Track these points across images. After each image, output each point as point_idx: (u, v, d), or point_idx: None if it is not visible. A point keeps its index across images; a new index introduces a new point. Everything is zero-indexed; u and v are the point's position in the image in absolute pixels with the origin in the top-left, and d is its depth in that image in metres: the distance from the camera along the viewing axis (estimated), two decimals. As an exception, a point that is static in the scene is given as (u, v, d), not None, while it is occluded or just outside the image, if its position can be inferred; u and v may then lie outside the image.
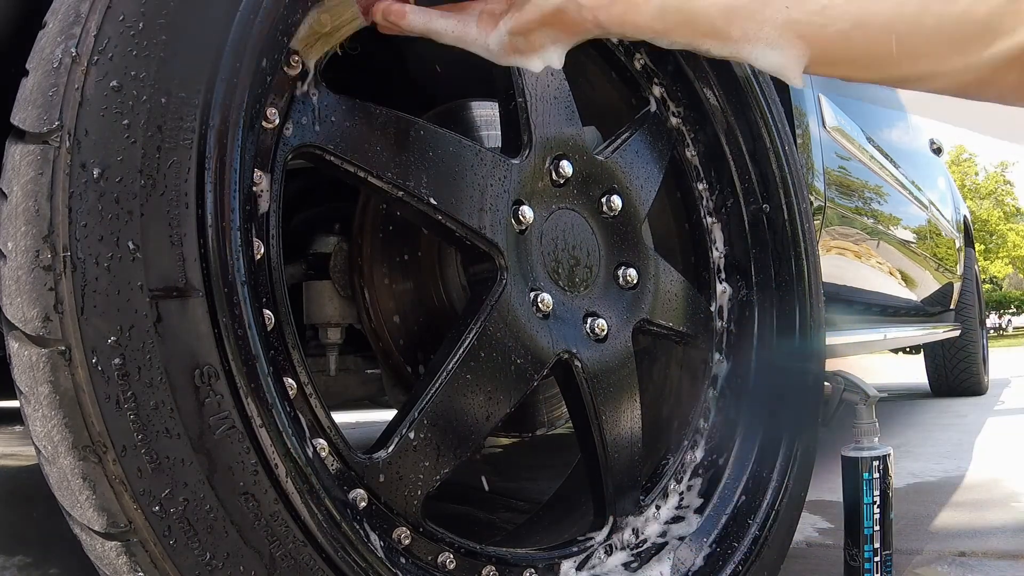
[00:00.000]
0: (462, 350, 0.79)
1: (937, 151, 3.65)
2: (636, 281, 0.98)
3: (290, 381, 0.68)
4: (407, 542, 0.74)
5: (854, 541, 1.06)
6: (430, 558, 0.76)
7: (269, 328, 0.66)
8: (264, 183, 0.68)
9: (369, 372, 1.26)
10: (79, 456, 0.53)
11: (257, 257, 0.65)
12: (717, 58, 0.65)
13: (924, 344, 4.11)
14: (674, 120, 1.13)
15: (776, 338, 1.11)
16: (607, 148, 1.00)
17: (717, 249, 1.15)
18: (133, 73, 0.55)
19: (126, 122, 0.55)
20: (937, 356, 4.30)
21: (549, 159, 0.91)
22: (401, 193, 0.77)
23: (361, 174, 0.74)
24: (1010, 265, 34.35)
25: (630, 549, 0.95)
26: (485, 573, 0.79)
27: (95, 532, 0.55)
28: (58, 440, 0.53)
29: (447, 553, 0.76)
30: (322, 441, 0.69)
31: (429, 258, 0.97)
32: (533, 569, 0.84)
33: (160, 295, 0.55)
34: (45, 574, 1.30)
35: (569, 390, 0.92)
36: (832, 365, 1.21)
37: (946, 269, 3.43)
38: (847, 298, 2.00)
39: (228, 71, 0.59)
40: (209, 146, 0.57)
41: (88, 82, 0.54)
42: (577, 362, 0.89)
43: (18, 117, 0.55)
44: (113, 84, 0.55)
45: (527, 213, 0.86)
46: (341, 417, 0.94)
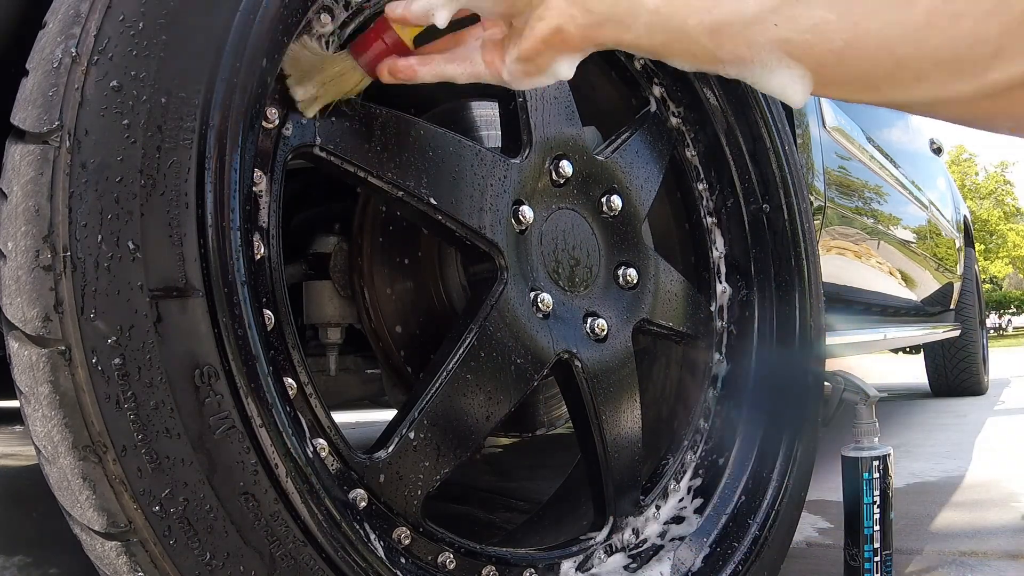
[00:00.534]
0: (462, 350, 0.79)
1: (937, 151, 3.65)
2: (636, 281, 0.98)
3: (290, 381, 0.68)
4: (407, 542, 0.74)
5: (854, 541, 1.06)
6: (430, 558, 0.76)
7: (269, 328, 0.66)
8: (264, 183, 0.68)
9: (369, 372, 1.26)
10: (79, 456, 0.53)
11: (257, 257, 0.65)
12: (730, 78, 0.62)
13: (924, 344, 4.11)
14: (674, 120, 1.13)
15: (776, 338, 1.11)
16: (607, 148, 1.00)
17: (717, 249, 1.15)
18: (133, 73, 0.55)
19: (126, 122, 0.55)
20: (937, 356, 4.30)
21: (549, 159, 0.91)
22: (401, 193, 0.77)
23: (361, 174, 0.74)
24: (1010, 265, 34.36)
25: (630, 549, 0.95)
26: (485, 573, 0.79)
27: (95, 532, 0.55)
28: (58, 440, 0.53)
29: (447, 553, 0.76)
30: (322, 441, 0.69)
31: (429, 258, 0.97)
32: (533, 569, 0.84)
33: (160, 295, 0.55)
34: (45, 574, 1.30)
35: (569, 390, 0.92)
36: (832, 365, 1.21)
37: (946, 269, 3.43)
38: (847, 298, 2.00)
39: (228, 71, 0.59)
40: (209, 146, 0.57)
41: (88, 82, 0.54)
42: (577, 362, 0.89)
43: (18, 117, 0.55)
44: (113, 84, 0.55)
45: (527, 213, 0.86)
46: (341, 417, 0.94)
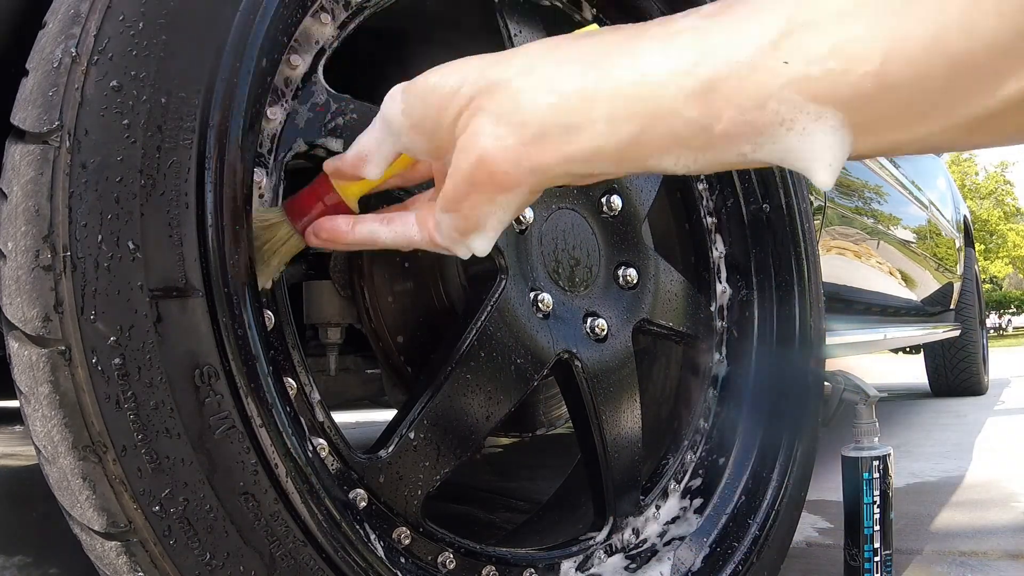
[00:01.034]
0: (462, 350, 0.79)
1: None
2: (636, 281, 0.98)
3: (290, 381, 0.68)
4: (407, 542, 0.74)
5: (854, 541, 1.06)
6: (430, 558, 0.76)
7: (269, 328, 0.66)
8: (264, 183, 0.68)
9: (369, 372, 1.26)
10: (79, 456, 0.53)
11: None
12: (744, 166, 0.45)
13: (924, 344, 4.11)
14: (674, 120, 1.12)
15: (776, 338, 1.11)
16: (607, 148, 1.00)
17: (717, 249, 1.15)
18: (133, 73, 0.55)
19: (126, 122, 0.55)
20: (937, 356, 4.30)
21: (549, 159, 0.90)
22: (401, 193, 0.77)
23: (361, 174, 0.74)
24: (1010, 265, 34.36)
25: (630, 549, 0.95)
26: (485, 573, 0.79)
27: (95, 532, 0.55)
28: (58, 440, 0.53)
29: (447, 553, 0.76)
30: (322, 441, 0.69)
31: (429, 258, 0.97)
32: (533, 569, 0.84)
33: (160, 295, 0.55)
34: (45, 574, 1.30)
35: (569, 390, 0.92)
36: (832, 365, 1.20)
37: (946, 269, 3.44)
38: (847, 298, 2.00)
39: (228, 71, 0.59)
40: (209, 146, 0.57)
41: (88, 82, 0.54)
42: (577, 362, 0.89)
43: (18, 117, 0.55)
44: (113, 84, 0.55)
45: (527, 213, 0.86)
46: (341, 417, 0.94)
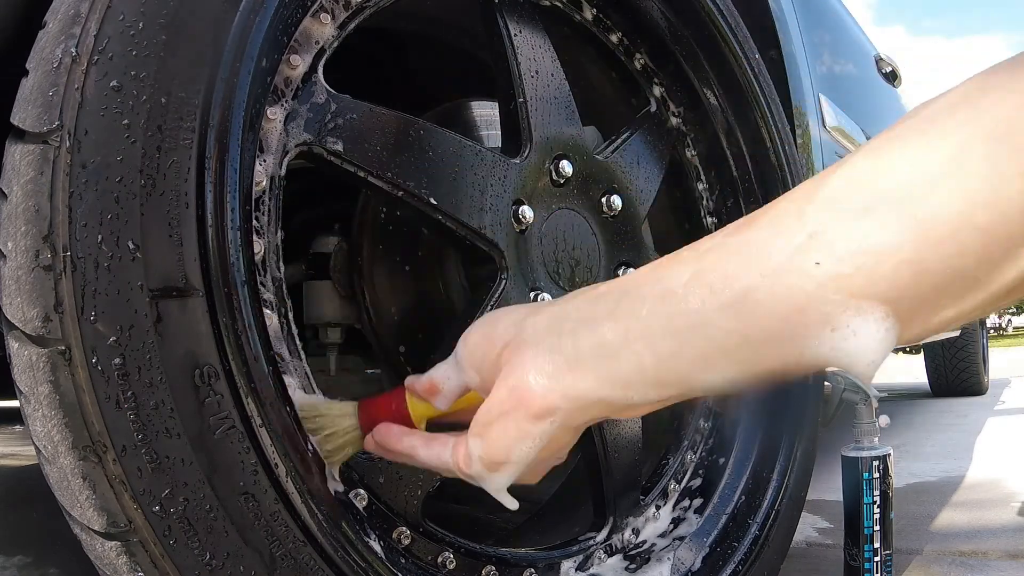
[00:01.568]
0: (462, 350, 0.79)
1: (937, 151, 3.65)
2: (636, 281, 0.98)
3: (290, 381, 0.68)
4: (407, 542, 0.74)
5: (854, 541, 1.06)
6: (430, 558, 0.76)
7: (269, 328, 0.66)
8: (264, 183, 0.68)
9: (369, 372, 1.26)
10: (79, 456, 0.53)
11: (257, 257, 0.65)
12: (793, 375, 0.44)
13: (924, 344, 4.10)
14: (674, 120, 1.12)
15: (776, 338, 1.11)
16: (607, 148, 1.00)
17: (717, 249, 1.15)
18: (133, 73, 0.55)
19: (126, 122, 0.55)
20: (937, 356, 4.30)
21: (549, 159, 0.91)
22: (401, 193, 0.77)
23: (361, 174, 0.74)
24: (1010, 265, 34.28)
25: (630, 549, 0.95)
26: (485, 573, 0.79)
27: (95, 532, 0.55)
28: (58, 440, 0.53)
29: (447, 553, 0.76)
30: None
31: (429, 258, 0.97)
32: (533, 569, 0.84)
33: (160, 295, 0.55)
34: (45, 574, 1.30)
35: (569, 390, 0.92)
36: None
37: (946, 269, 3.42)
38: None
39: (228, 71, 0.59)
40: (209, 146, 0.57)
41: (88, 82, 0.54)
42: (577, 362, 0.89)
43: (18, 117, 0.55)
44: (113, 84, 0.55)
45: (527, 213, 0.86)
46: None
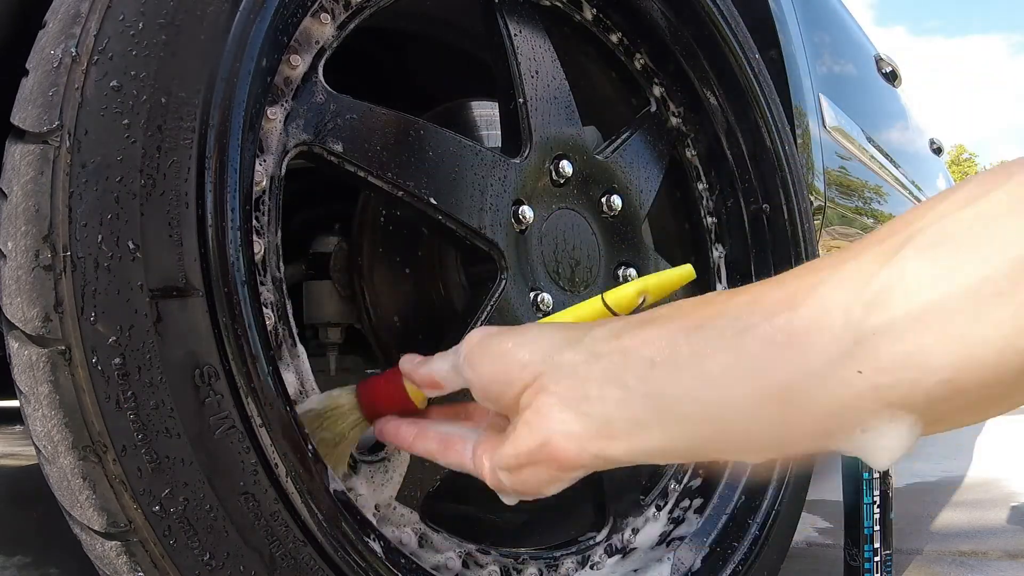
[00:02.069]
0: (462, 350, 0.79)
1: (937, 151, 3.65)
2: (636, 281, 0.98)
3: (290, 380, 0.68)
4: (407, 541, 0.73)
5: (854, 541, 1.06)
6: (430, 558, 0.76)
7: (269, 328, 0.66)
8: (264, 183, 0.68)
9: (369, 372, 1.26)
10: (79, 456, 0.53)
11: (257, 257, 0.65)
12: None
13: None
14: (674, 120, 1.12)
15: (776, 338, 1.10)
16: (607, 148, 1.00)
17: (717, 249, 1.15)
18: (133, 73, 0.55)
19: (126, 122, 0.55)
20: (937, 356, 4.29)
21: (549, 159, 0.91)
22: (401, 193, 0.77)
23: (361, 174, 0.74)
24: (1010, 265, 34.29)
25: (630, 549, 0.95)
26: (485, 572, 0.79)
27: (95, 532, 0.55)
28: (58, 440, 0.53)
29: (447, 552, 0.76)
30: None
31: (429, 258, 0.97)
32: (533, 568, 0.84)
33: (160, 295, 0.55)
34: (45, 574, 1.30)
35: (569, 390, 0.92)
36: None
37: (946, 269, 3.42)
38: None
39: (228, 71, 0.59)
40: (209, 146, 0.57)
41: (88, 82, 0.54)
42: (577, 362, 0.89)
43: (18, 117, 0.55)
44: (113, 84, 0.55)
45: (527, 213, 0.86)
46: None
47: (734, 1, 1.10)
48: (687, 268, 0.65)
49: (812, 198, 1.46)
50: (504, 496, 0.56)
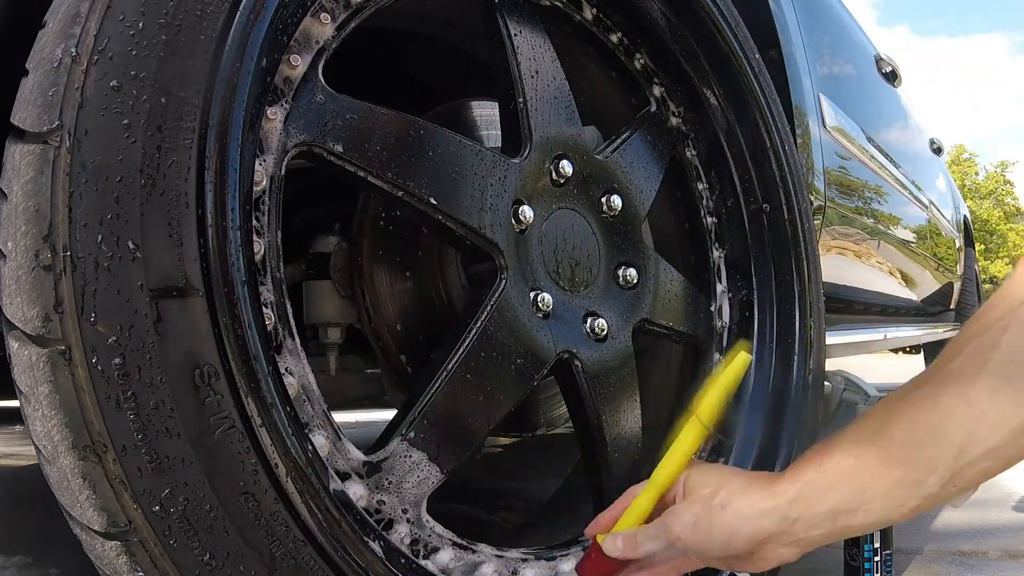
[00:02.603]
0: (462, 350, 0.79)
1: (937, 151, 3.65)
2: (636, 281, 0.98)
3: (290, 380, 0.68)
4: (407, 541, 0.73)
5: (854, 541, 1.06)
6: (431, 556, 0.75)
7: (269, 328, 0.66)
8: (264, 183, 0.67)
9: (369, 372, 1.26)
10: (79, 456, 0.53)
11: (257, 257, 0.65)
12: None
13: (924, 344, 4.10)
14: (674, 120, 1.12)
15: (776, 338, 1.11)
16: (607, 148, 1.00)
17: (717, 249, 1.15)
18: (133, 73, 0.55)
19: (126, 122, 0.55)
20: (937, 356, 4.28)
21: (549, 159, 0.90)
22: (401, 193, 0.77)
23: (361, 174, 0.74)
24: (1010, 265, 34.31)
25: (630, 549, 0.95)
26: (485, 572, 0.79)
27: (95, 532, 0.55)
28: (58, 440, 0.53)
29: (447, 552, 0.76)
30: (322, 440, 0.69)
31: (429, 258, 0.97)
32: (533, 568, 0.84)
33: (160, 295, 0.55)
34: (45, 574, 1.30)
35: (569, 390, 0.92)
36: (832, 365, 1.20)
37: (946, 269, 3.43)
38: (847, 298, 2.00)
39: (228, 71, 0.59)
40: (209, 146, 0.57)
41: (88, 82, 0.54)
42: (577, 362, 0.89)
43: (18, 117, 0.55)
44: (113, 84, 0.55)
45: (527, 213, 0.86)
46: (341, 417, 0.94)
47: (734, 1, 1.10)
48: (744, 357, 0.73)
49: (812, 198, 1.46)
50: None
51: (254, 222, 0.66)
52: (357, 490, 0.70)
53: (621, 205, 0.97)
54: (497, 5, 0.91)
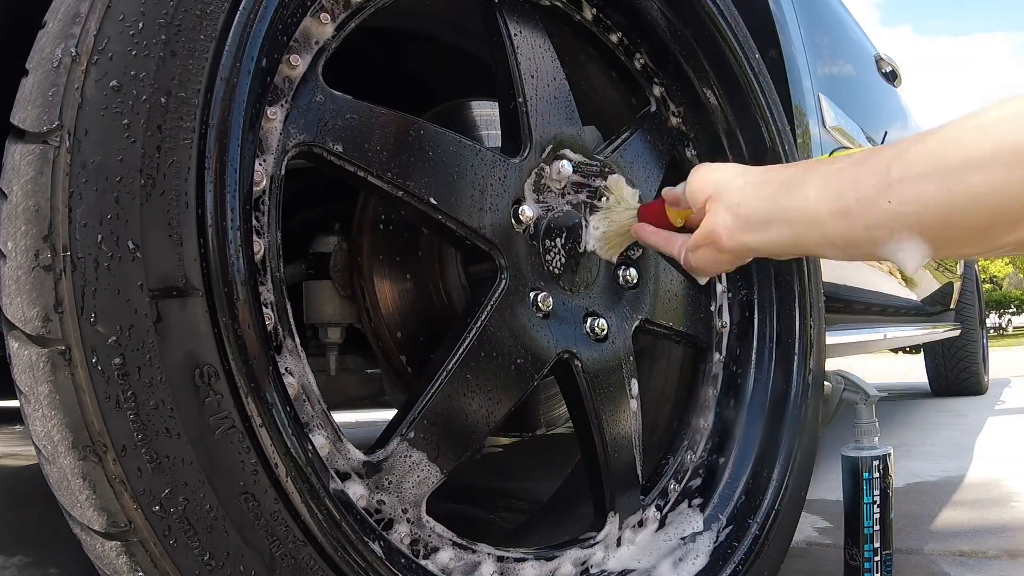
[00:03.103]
0: (462, 350, 0.79)
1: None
2: (636, 281, 0.98)
3: (291, 380, 0.68)
4: (407, 541, 0.73)
5: (854, 541, 1.06)
6: (431, 556, 0.75)
7: (269, 328, 0.66)
8: (264, 183, 0.67)
9: (369, 372, 1.26)
10: (79, 456, 0.53)
11: (257, 257, 0.65)
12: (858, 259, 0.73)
13: (924, 344, 4.10)
14: (674, 120, 1.12)
15: (776, 338, 1.11)
16: (607, 148, 1.00)
17: (717, 249, 1.15)
18: (133, 73, 0.55)
19: (126, 122, 0.55)
20: (937, 356, 4.29)
21: (549, 159, 0.90)
22: (401, 193, 0.77)
23: (361, 174, 0.74)
24: (1010, 265, 34.33)
25: (630, 548, 0.95)
26: (485, 572, 0.79)
27: (95, 532, 0.55)
28: (58, 440, 0.53)
29: (447, 552, 0.76)
30: (322, 440, 0.69)
31: (429, 258, 0.97)
32: (533, 568, 0.84)
33: (160, 295, 0.55)
34: (45, 574, 1.30)
35: (569, 390, 0.92)
36: (832, 365, 1.20)
37: (946, 268, 3.44)
38: (847, 298, 2.00)
39: (228, 71, 0.59)
40: (209, 146, 0.57)
41: (88, 82, 0.54)
42: (577, 362, 0.89)
43: (18, 117, 0.55)
44: (113, 84, 0.55)
45: (527, 212, 0.86)
46: (341, 417, 0.94)
47: (734, 1, 1.10)
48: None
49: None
50: (694, 275, 0.86)
51: (254, 222, 0.66)
52: (357, 490, 0.70)
53: (621, 205, 0.97)
54: (497, 5, 0.91)
